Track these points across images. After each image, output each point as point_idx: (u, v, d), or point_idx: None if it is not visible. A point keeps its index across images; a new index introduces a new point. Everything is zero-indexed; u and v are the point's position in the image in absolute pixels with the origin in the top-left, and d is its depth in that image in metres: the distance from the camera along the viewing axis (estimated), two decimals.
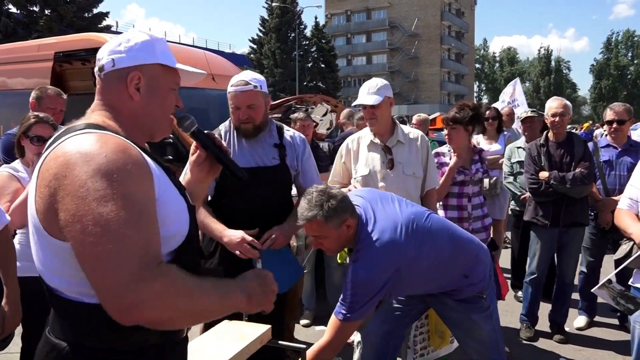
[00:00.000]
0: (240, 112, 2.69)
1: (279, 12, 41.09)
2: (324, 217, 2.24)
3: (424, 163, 3.24)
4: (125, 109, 1.39)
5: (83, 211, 1.10)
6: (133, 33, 1.45)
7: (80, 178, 1.12)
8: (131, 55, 1.38)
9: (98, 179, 1.12)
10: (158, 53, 1.42)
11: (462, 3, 65.52)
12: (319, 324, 4.63)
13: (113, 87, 1.39)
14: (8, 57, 6.51)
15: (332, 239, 2.34)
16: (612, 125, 4.23)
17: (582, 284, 4.55)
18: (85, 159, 1.15)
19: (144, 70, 1.39)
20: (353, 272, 2.27)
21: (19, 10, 25.60)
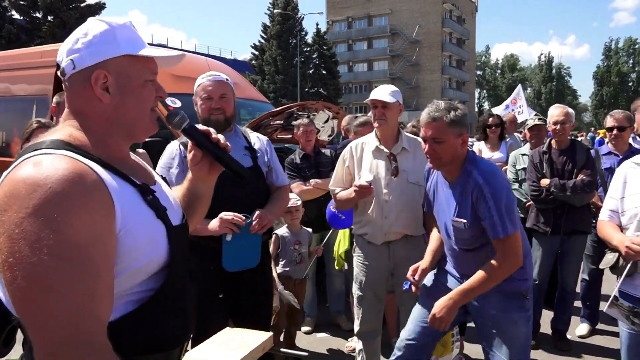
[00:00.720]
0: (212, 101, 2.68)
1: (280, 19, 41.24)
2: (449, 120, 2.38)
3: None
4: (94, 114, 1.22)
5: (14, 257, 0.96)
6: (90, 24, 1.25)
7: (18, 215, 0.98)
8: (91, 52, 1.20)
9: (36, 218, 0.98)
10: (121, 42, 1.23)
11: (463, 10, 65.70)
12: (321, 331, 4.63)
13: (79, 92, 1.22)
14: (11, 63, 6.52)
15: (447, 147, 2.41)
16: (613, 132, 4.24)
17: (584, 291, 4.54)
18: (28, 191, 1.00)
19: (109, 66, 1.21)
20: (490, 185, 2.35)
21: (22, 16, 25.75)
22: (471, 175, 2.43)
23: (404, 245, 3.18)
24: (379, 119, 3.15)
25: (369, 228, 3.20)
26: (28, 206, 0.98)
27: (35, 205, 0.99)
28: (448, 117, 2.39)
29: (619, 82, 64.55)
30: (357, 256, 3.32)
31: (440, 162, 2.48)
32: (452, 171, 2.52)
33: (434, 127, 2.40)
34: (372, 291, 3.26)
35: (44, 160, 1.06)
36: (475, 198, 2.39)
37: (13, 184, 1.02)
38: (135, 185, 1.22)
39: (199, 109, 2.72)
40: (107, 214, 1.09)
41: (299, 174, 4.48)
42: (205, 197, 1.61)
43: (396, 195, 3.11)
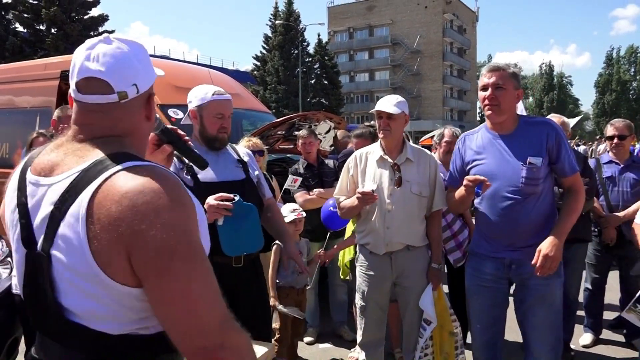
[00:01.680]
0: (224, 120, 2.72)
1: (282, 30, 41.45)
2: (510, 72, 2.67)
3: (432, 183, 3.24)
4: (141, 134, 1.29)
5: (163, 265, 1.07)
6: (129, 44, 1.26)
7: (146, 216, 1.06)
8: (148, 76, 1.27)
9: (171, 227, 1.07)
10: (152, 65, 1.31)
11: (463, 20, 66.01)
12: (323, 341, 4.61)
13: (134, 114, 1.26)
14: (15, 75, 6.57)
15: (508, 95, 2.67)
16: (613, 141, 4.25)
17: (587, 300, 4.52)
18: (155, 204, 1.07)
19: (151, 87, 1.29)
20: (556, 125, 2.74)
21: (26, 29, 25.97)
22: (537, 123, 2.77)
23: (406, 256, 3.18)
24: (384, 129, 3.15)
25: (371, 238, 3.20)
26: (158, 216, 1.07)
27: (165, 215, 1.08)
28: (511, 69, 2.69)
29: (620, 90, 64.58)
30: (359, 266, 3.33)
31: (498, 109, 2.68)
32: (508, 122, 2.75)
33: (497, 75, 2.66)
34: (374, 301, 3.26)
35: (145, 173, 1.12)
36: (555, 141, 2.67)
37: (131, 200, 1.07)
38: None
39: (208, 124, 2.73)
40: (195, 213, 1.19)
41: (303, 183, 4.51)
42: None
43: (399, 205, 3.12)
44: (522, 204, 2.68)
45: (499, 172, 2.73)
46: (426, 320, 3.20)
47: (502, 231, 2.77)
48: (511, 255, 2.77)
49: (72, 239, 1.10)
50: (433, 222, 3.28)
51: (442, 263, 3.72)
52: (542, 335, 2.72)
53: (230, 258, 2.67)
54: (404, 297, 3.27)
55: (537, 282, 2.71)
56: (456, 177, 2.97)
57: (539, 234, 2.70)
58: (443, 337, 3.25)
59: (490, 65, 2.74)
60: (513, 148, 2.70)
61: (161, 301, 1.10)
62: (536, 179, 2.65)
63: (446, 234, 3.86)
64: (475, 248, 2.97)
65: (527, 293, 2.76)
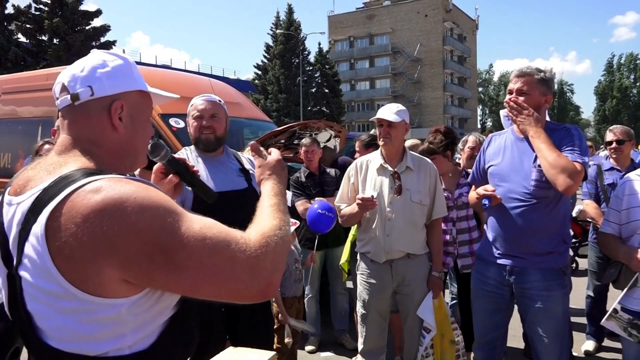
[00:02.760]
0: (203, 120, 2.71)
1: (283, 39, 41.64)
2: (538, 78, 2.62)
3: (432, 191, 3.24)
4: (107, 142, 1.26)
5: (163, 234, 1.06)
6: (103, 56, 1.30)
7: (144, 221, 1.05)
8: (112, 82, 1.25)
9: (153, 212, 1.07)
10: (137, 78, 1.30)
11: (463, 28, 66.25)
12: (325, 350, 4.59)
13: (92, 119, 1.24)
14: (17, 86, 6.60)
15: (532, 99, 2.62)
16: (612, 146, 4.26)
17: (589, 308, 4.51)
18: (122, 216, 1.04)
19: (125, 98, 1.26)
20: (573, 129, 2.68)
21: (28, 39, 26.12)
22: (557, 129, 2.68)
23: (406, 264, 3.18)
24: (384, 137, 3.17)
25: (371, 246, 3.20)
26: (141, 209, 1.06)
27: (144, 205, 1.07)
28: (537, 75, 2.63)
29: (620, 97, 64.64)
30: (360, 274, 3.33)
31: (524, 115, 2.63)
32: None
33: (523, 80, 2.64)
34: (375, 309, 3.26)
35: (107, 182, 1.10)
36: (566, 139, 2.60)
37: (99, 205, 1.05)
38: None
39: (191, 128, 2.76)
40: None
41: (304, 192, 4.52)
42: None
43: (399, 213, 3.12)
44: (532, 207, 2.66)
45: (511, 174, 2.73)
46: (426, 328, 3.20)
47: (509, 234, 2.76)
48: (514, 262, 2.76)
49: (36, 259, 1.08)
50: (433, 231, 3.29)
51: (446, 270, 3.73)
52: (547, 346, 2.71)
53: None
54: (405, 305, 3.27)
55: (538, 293, 2.69)
56: (478, 176, 3.01)
57: (546, 242, 2.69)
58: (444, 345, 3.24)
59: (518, 70, 2.71)
60: (531, 150, 2.68)
61: (190, 290, 1.13)
62: (547, 182, 2.60)
63: (464, 236, 3.85)
64: (481, 252, 2.98)
65: (529, 304, 2.75)
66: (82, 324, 1.10)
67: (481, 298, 2.94)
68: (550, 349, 2.71)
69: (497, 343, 3.00)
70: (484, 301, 2.92)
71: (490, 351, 3.00)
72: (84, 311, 1.09)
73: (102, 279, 1.06)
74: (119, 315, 1.11)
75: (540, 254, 2.68)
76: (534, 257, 2.69)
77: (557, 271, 2.70)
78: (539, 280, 2.69)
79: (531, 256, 2.70)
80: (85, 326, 1.10)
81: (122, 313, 1.11)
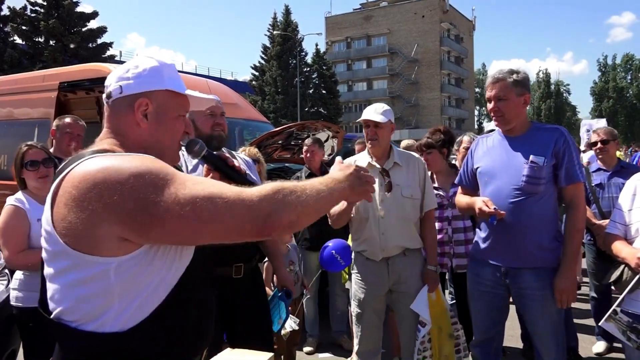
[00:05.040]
0: (215, 117, 2.75)
1: (280, 40, 41.63)
2: (512, 81, 2.68)
3: (422, 184, 3.26)
4: (132, 136, 1.38)
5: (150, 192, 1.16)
6: (141, 59, 1.43)
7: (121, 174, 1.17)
8: (139, 82, 1.37)
9: (143, 173, 1.18)
10: (166, 79, 1.41)
11: (460, 29, 66.38)
12: (323, 351, 4.59)
13: (121, 114, 1.38)
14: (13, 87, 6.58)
15: (510, 105, 2.70)
16: (597, 146, 4.27)
17: (595, 309, 4.50)
18: (118, 170, 1.18)
19: (152, 96, 1.38)
20: (571, 139, 2.73)
21: (24, 41, 26.05)
22: (547, 129, 2.78)
23: (402, 261, 3.18)
24: (371, 138, 3.19)
25: (367, 245, 3.20)
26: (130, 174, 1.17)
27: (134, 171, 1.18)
28: (510, 78, 2.69)
29: (617, 97, 64.80)
30: (355, 273, 3.32)
31: (504, 119, 2.75)
32: (518, 127, 2.80)
33: (497, 87, 2.71)
34: (371, 308, 3.25)
35: (110, 157, 1.25)
36: (563, 145, 2.69)
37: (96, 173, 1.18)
38: None
39: (200, 125, 2.75)
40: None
41: None
42: None
43: (392, 210, 3.13)
44: (523, 203, 2.70)
45: (501, 171, 2.78)
46: (421, 322, 3.20)
47: (501, 232, 2.78)
48: (508, 263, 2.79)
49: (45, 224, 1.25)
50: (427, 224, 3.30)
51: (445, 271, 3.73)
52: (544, 343, 2.77)
53: (230, 269, 2.69)
54: (400, 303, 3.25)
55: (533, 293, 2.74)
56: (466, 178, 3.06)
57: (538, 239, 2.72)
58: (442, 339, 3.24)
59: (490, 77, 2.79)
60: (519, 148, 2.76)
61: (189, 236, 1.21)
62: (537, 178, 2.67)
63: (460, 236, 3.85)
64: (475, 253, 3.00)
65: (526, 304, 2.80)
66: (72, 287, 1.21)
67: (477, 298, 2.98)
68: (548, 345, 2.76)
69: (494, 341, 3.03)
70: (480, 301, 2.96)
71: (488, 349, 3.03)
72: (75, 270, 1.20)
73: (96, 237, 1.17)
74: (106, 276, 1.19)
75: (533, 251, 2.72)
76: (527, 256, 2.73)
77: (550, 270, 2.72)
78: (533, 280, 2.73)
79: (524, 254, 2.73)
80: (75, 289, 1.21)
81: (110, 274, 1.19)
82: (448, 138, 3.99)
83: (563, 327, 2.82)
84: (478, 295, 2.96)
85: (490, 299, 2.90)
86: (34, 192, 2.89)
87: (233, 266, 2.70)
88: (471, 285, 3.01)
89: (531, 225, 2.71)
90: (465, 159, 3.11)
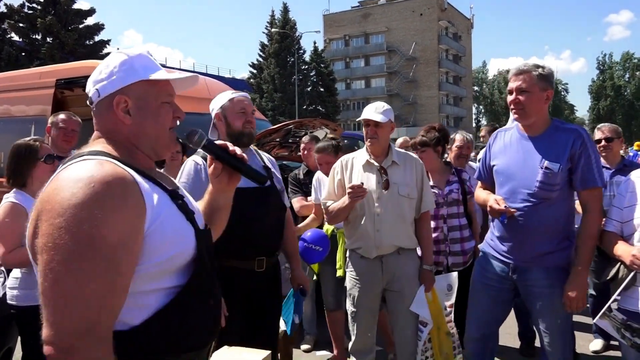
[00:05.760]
0: (247, 115, 2.78)
1: (278, 38, 41.60)
2: (537, 74, 2.62)
3: (419, 185, 3.26)
4: (121, 134, 1.37)
5: (53, 243, 1.10)
6: (111, 57, 1.41)
7: (62, 206, 1.12)
8: (112, 81, 1.35)
9: (79, 211, 1.11)
10: (139, 69, 1.38)
11: (459, 27, 66.36)
12: (320, 349, 4.58)
13: (105, 116, 1.37)
14: (10, 84, 6.56)
15: (532, 97, 2.63)
16: (601, 144, 4.25)
17: (593, 307, 4.49)
18: (73, 186, 1.14)
19: (128, 91, 1.36)
20: (591, 141, 2.66)
21: (21, 38, 25.99)
22: (566, 130, 2.69)
23: (397, 260, 3.18)
24: (371, 137, 3.19)
25: (362, 242, 3.20)
26: (72, 199, 1.12)
27: (79, 200, 1.12)
28: (535, 72, 2.63)
29: (615, 96, 64.89)
30: (349, 272, 3.32)
31: (524, 113, 2.67)
32: (537, 124, 2.72)
33: (522, 78, 2.64)
34: (365, 306, 3.25)
35: (88, 163, 1.22)
36: (580, 148, 2.61)
37: (60, 181, 1.17)
38: (165, 190, 1.36)
39: (232, 121, 2.76)
40: (138, 214, 1.22)
41: (301, 189, 4.51)
42: (225, 208, 1.73)
43: (388, 208, 3.13)
44: (535, 207, 2.67)
45: (516, 173, 2.75)
46: (422, 322, 3.20)
47: (512, 232, 2.77)
48: (517, 261, 2.78)
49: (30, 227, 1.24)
50: (422, 224, 3.31)
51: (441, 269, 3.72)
52: (551, 341, 2.75)
53: (252, 262, 2.70)
54: (395, 302, 3.25)
55: (541, 291, 2.72)
56: (484, 173, 3.03)
57: (549, 242, 2.70)
58: (441, 338, 3.25)
59: (515, 68, 2.72)
60: (535, 150, 2.70)
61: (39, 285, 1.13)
62: (551, 185, 2.63)
63: (455, 234, 3.84)
64: (486, 247, 2.99)
65: (533, 302, 2.78)
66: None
67: (480, 291, 2.95)
68: (554, 343, 2.74)
69: (490, 339, 3.02)
70: (483, 294, 2.94)
71: (483, 346, 3.01)
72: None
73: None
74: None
75: (543, 253, 2.70)
76: (537, 258, 2.71)
77: (561, 269, 2.71)
78: (542, 277, 2.71)
79: (534, 256, 2.72)
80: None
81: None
82: (442, 136, 3.97)
83: (571, 326, 2.79)
84: (482, 287, 2.94)
85: (495, 293, 2.89)
86: (35, 189, 2.87)
87: (256, 260, 2.71)
88: (477, 276, 2.99)
89: (542, 230, 2.68)
90: (484, 153, 3.07)
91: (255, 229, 2.67)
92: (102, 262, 1.12)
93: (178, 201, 1.38)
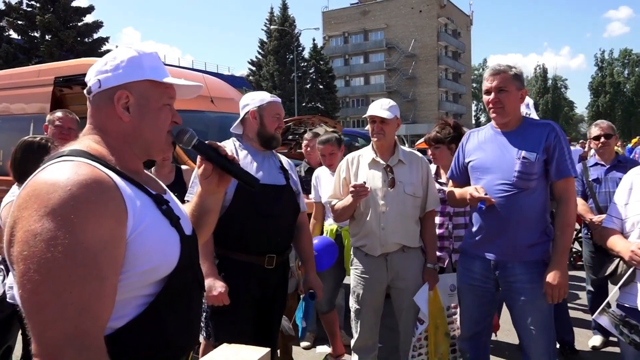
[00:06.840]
0: (280, 121, 2.83)
1: (277, 35, 41.55)
2: (512, 74, 2.72)
3: (425, 183, 3.26)
4: (114, 131, 1.33)
5: (29, 251, 1.04)
6: (120, 50, 1.38)
7: (38, 213, 1.06)
8: (117, 74, 1.32)
9: (54, 217, 1.05)
10: (146, 69, 1.35)
11: (458, 24, 66.28)
12: (320, 344, 4.58)
13: (102, 109, 1.33)
14: (9, 82, 6.55)
15: (511, 97, 2.72)
16: (600, 140, 4.26)
17: (591, 303, 4.51)
18: (49, 191, 1.08)
19: (132, 88, 1.32)
20: (563, 134, 2.76)
21: (20, 36, 25.92)
22: (539, 124, 2.81)
23: (401, 257, 3.18)
24: (378, 133, 3.18)
25: (367, 240, 3.20)
26: (47, 205, 1.06)
27: (54, 205, 1.06)
28: (511, 71, 2.72)
29: (614, 92, 64.87)
30: (354, 269, 3.32)
31: (503, 111, 2.74)
32: (512, 122, 2.81)
33: (499, 78, 2.72)
34: (369, 304, 3.26)
35: (65, 166, 1.16)
36: (554, 140, 2.71)
37: (35, 185, 1.11)
38: (150, 194, 1.31)
39: (267, 123, 2.79)
40: (119, 220, 1.16)
41: (303, 186, 4.49)
42: (214, 210, 1.69)
43: (393, 206, 3.13)
44: (514, 197, 2.71)
45: (494, 166, 2.79)
46: (420, 319, 3.21)
47: (493, 223, 2.79)
48: (498, 255, 2.80)
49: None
50: (427, 223, 3.31)
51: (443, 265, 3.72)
52: (534, 337, 2.76)
53: (263, 258, 2.72)
54: (399, 299, 3.26)
55: (523, 286, 2.75)
56: (457, 172, 3.06)
57: (529, 234, 2.74)
58: (438, 337, 3.25)
59: (491, 69, 2.78)
60: (511, 143, 2.78)
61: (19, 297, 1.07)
62: (529, 174, 2.69)
63: (460, 232, 3.83)
64: (466, 247, 3.01)
65: (515, 297, 2.79)
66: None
67: (467, 292, 2.99)
68: (538, 340, 2.75)
69: (482, 335, 3.04)
70: (469, 295, 2.97)
71: (476, 344, 3.04)
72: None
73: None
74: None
75: (523, 245, 2.73)
76: (517, 250, 2.74)
77: (540, 263, 2.74)
78: (523, 273, 2.74)
79: (515, 249, 2.75)
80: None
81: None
82: (457, 134, 3.92)
83: (553, 323, 2.81)
84: (468, 289, 2.97)
85: (480, 293, 2.92)
86: None
87: (266, 256, 2.72)
88: (461, 279, 3.03)
89: (522, 220, 2.73)
90: (456, 152, 3.11)
91: (269, 225, 2.71)
92: (80, 268, 1.06)
93: (162, 206, 1.32)
